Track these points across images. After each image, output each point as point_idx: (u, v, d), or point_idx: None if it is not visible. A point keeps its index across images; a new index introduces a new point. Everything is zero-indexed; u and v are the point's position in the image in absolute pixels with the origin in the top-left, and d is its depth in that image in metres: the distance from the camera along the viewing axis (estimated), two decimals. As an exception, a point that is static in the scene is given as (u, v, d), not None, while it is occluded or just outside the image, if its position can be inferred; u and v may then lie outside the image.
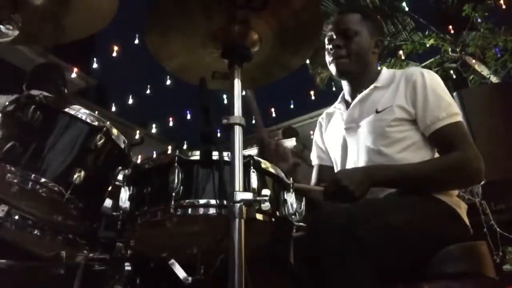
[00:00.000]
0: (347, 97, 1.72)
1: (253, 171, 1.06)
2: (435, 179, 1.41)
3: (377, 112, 1.54)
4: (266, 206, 0.98)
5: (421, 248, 1.29)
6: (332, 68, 1.64)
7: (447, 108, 1.46)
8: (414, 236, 1.27)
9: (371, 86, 1.61)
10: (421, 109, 1.47)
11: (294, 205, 1.12)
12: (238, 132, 1.01)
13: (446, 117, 1.44)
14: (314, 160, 1.85)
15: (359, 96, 1.63)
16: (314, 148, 1.87)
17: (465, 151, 1.40)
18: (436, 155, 1.50)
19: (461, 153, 1.40)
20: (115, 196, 1.19)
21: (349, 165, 1.60)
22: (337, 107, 1.77)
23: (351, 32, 1.59)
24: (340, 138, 1.66)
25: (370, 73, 1.65)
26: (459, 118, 1.48)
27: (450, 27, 6.76)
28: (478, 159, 1.40)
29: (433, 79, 1.52)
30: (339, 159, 1.67)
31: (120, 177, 1.30)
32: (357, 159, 1.57)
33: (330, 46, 1.62)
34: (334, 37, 1.62)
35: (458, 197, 1.51)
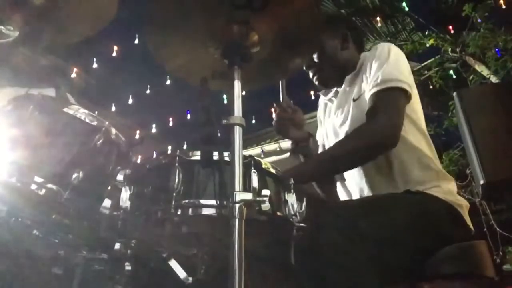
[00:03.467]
0: None
1: (253, 172, 1.06)
2: (348, 150, 1.41)
3: (354, 100, 1.57)
4: (266, 206, 0.98)
5: (421, 247, 1.29)
6: (317, 84, 1.73)
7: (388, 74, 1.44)
8: (414, 235, 1.26)
9: (346, 79, 1.64)
10: (371, 75, 1.48)
11: (295, 206, 1.11)
12: (238, 132, 1.01)
13: (380, 83, 1.43)
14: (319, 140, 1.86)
15: (339, 91, 1.69)
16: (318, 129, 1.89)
17: (377, 118, 1.40)
18: (420, 141, 1.50)
19: (372, 120, 1.41)
20: (115, 196, 1.19)
21: None
22: (332, 99, 1.78)
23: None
24: (330, 130, 1.71)
25: (352, 68, 1.66)
26: (395, 84, 1.43)
27: (450, 27, 6.75)
28: (389, 127, 1.39)
29: (393, 50, 1.52)
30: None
31: (120, 177, 1.30)
32: None
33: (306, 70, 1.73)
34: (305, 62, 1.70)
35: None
